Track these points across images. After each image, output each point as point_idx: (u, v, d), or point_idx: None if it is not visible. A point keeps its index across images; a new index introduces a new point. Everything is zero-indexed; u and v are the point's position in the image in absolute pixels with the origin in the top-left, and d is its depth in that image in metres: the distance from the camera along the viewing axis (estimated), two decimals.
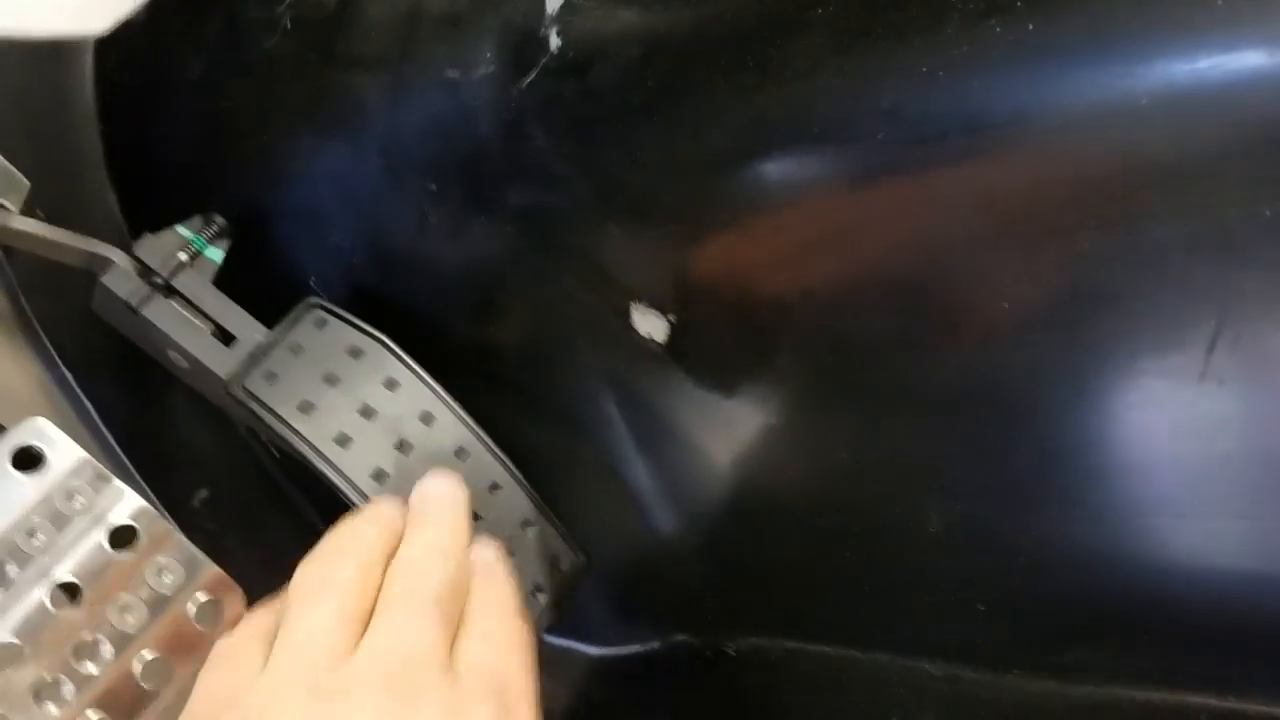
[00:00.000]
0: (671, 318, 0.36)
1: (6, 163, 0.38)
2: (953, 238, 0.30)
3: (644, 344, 0.37)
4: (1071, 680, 0.36)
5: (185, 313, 0.39)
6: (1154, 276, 0.27)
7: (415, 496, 0.34)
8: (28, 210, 0.39)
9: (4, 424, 0.35)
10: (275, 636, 0.29)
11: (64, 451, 0.32)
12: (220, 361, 0.38)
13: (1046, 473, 0.33)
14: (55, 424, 0.33)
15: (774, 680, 0.43)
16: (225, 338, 0.39)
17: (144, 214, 0.43)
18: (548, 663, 0.42)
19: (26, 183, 0.38)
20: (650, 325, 0.37)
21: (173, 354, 0.39)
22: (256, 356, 0.38)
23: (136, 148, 0.45)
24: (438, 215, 0.39)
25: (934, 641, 0.39)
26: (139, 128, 0.45)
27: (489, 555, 0.33)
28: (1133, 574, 0.34)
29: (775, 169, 0.32)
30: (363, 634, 0.29)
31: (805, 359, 0.35)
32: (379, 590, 0.30)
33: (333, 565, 0.30)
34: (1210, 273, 0.27)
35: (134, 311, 0.38)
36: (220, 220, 0.40)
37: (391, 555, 0.31)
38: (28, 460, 0.32)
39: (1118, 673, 0.36)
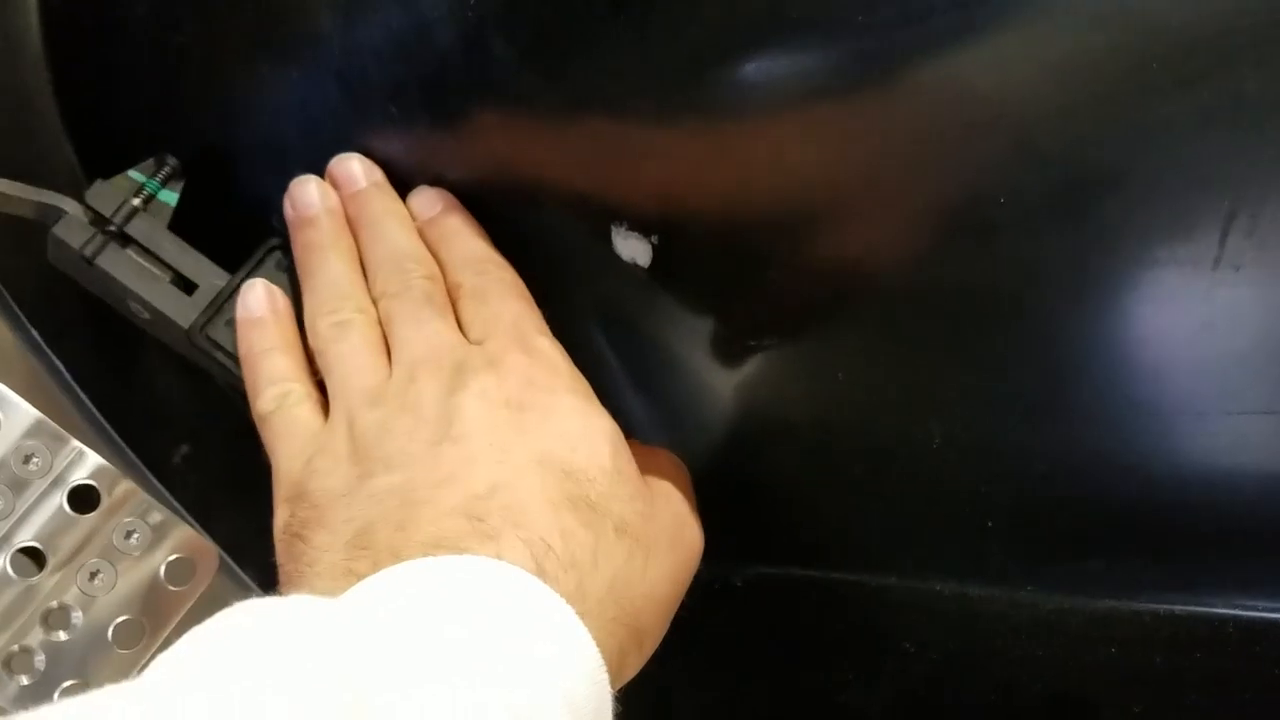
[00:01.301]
0: (654, 240, 0.34)
1: None
2: (944, 130, 0.28)
3: (627, 269, 0.35)
4: (1090, 594, 0.35)
5: (142, 261, 0.37)
6: (1162, 156, 0.25)
7: (342, 188, 0.37)
8: None
9: None
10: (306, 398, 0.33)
11: (17, 412, 0.31)
12: (181, 310, 0.36)
13: (1053, 378, 0.31)
14: (23, 382, 0.32)
15: (783, 609, 0.42)
16: (185, 285, 0.37)
17: (101, 160, 0.41)
18: None
19: None
20: (632, 249, 0.35)
21: (133, 305, 0.37)
22: (218, 303, 0.37)
23: (88, 91, 0.43)
24: (401, 140, 0.37)
25: (944, 562, 0.38)
26: (89, 69, 0.43)
27: (432, 207, 0.36)
28: (1150, 480, 0.32)
29: (755, 67, 0.30)
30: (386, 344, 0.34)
31: (796, 275, 0.33)
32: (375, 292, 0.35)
33: (331, 306, 0.34)
34: (1223, 149, 0.25)
35: (88, 262, 0.36)
36: (173, 161, 0.38)
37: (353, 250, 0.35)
38: None
39: (1138, 584, 0.34)
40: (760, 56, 0.30)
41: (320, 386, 0.34)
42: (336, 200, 0.36)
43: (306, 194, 0.36)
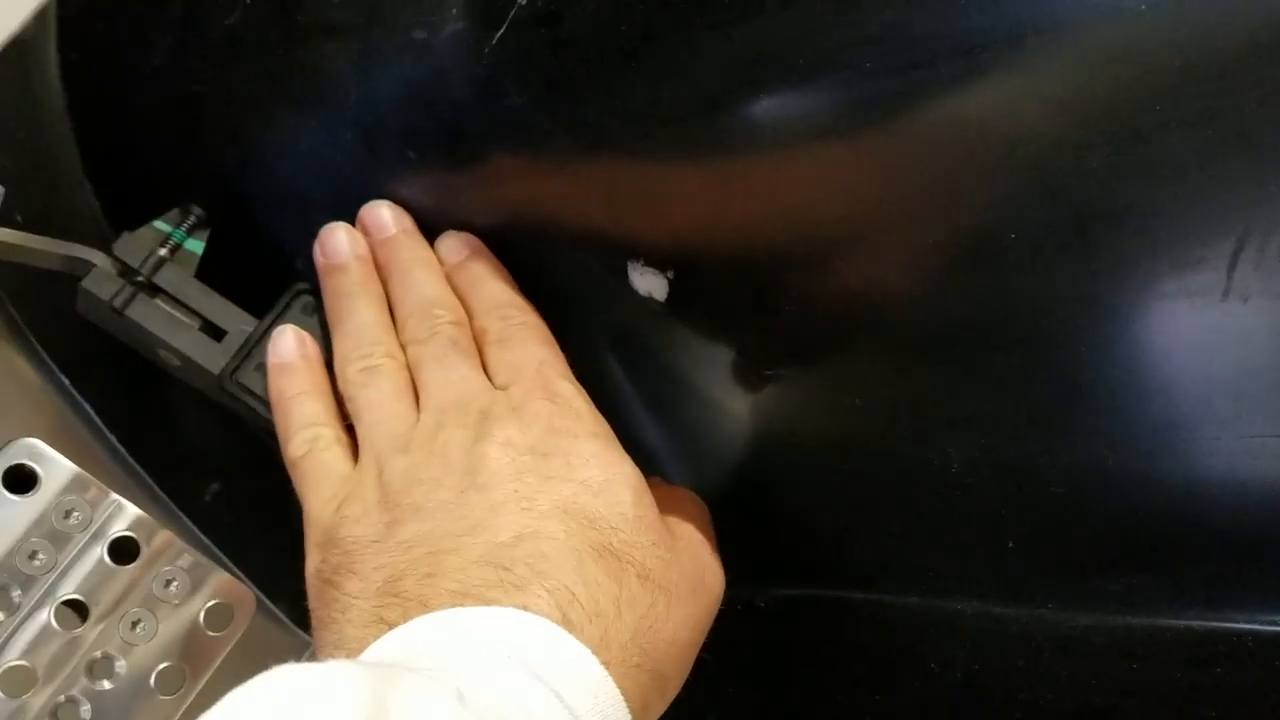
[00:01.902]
0: (670, 274, 0.35)
1: None
2: (953, 167, 0.28)
3: (644, 304, 0.36)
4: (1110, 611, 0.35)
5: (171, 310, 0.38)
6: (1169, 191, 0.26)
7: (372, 235, 0.37)
8: (5, 216, 0.38)
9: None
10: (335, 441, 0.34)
11: (57, 468, 0.32)
12: (211, 356, 0.37)
13: (1068, 402, 0.31)
14: (56, 431, 0.32)
15: (805, 630, 0.43)
16: (214, 331, 0.38)
17: (125, 210, 0.42)
18: None
19: (1, 188, 0.38)
20: (649, 284, 0.36)
21: (163, 353, 0.38)
22: (247, 348, 0.37)
23: (109, 143, 0.44)
24: (419, 185, 0.38)
25: (966, 581, 0.38)
26: (109, 122, 0.44)
27: (459, 252, 0.36)
28: (1170, 498, 0.33)
29: (763, 108, 0.31)
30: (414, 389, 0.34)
31: (811, 307, 0.34)
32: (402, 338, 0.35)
33: (361, 351, 0.35)
34: (1230, 183, 0.25)
35: (118, 313, 0.37)
36: (198, 211, 0.39)
37: (382, 296, 0.36)
38: (21, 481, 0.31)
39: (1158, 601, 0.35)
40: (769, 100, 0.30)
41: (349, 430, 0.35)
42: (365, 247, 0.37)
43: (336, 241, 0.37)
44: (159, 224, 0.39)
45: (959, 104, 0.27)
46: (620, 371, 0.39)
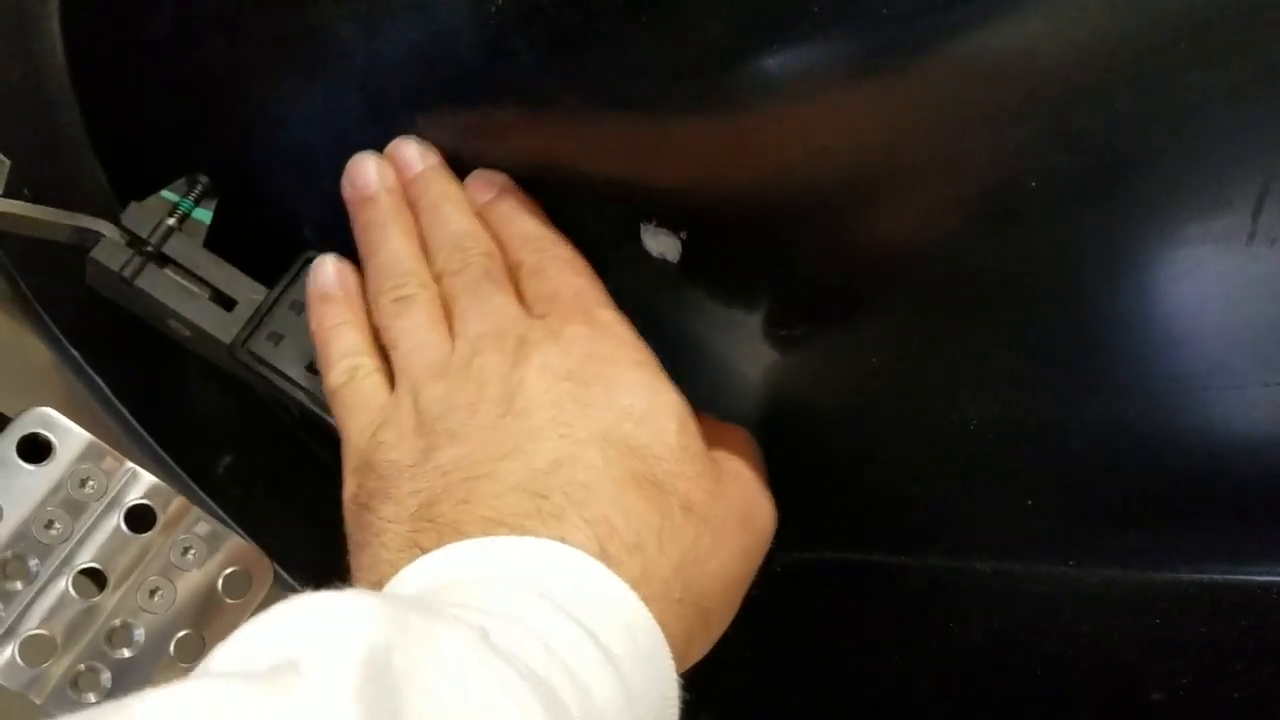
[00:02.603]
0: (683, 235, 0.35)
1: None
2: (972, 115, 0.28)
3: (657, 265, 0.35)
4: (1132, 567, 0.35)
5: (180, 279, 0.37)
6: (1194, 133, 0.25)
7: (401, 173, 0.36)
8: (13, 189, 0.38)
9: (11, 414, 0.35)
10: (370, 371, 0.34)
11: (71, 437, 0.31)
12: (222, 326, 0.37)
13: (1088, 355, 0.31)
14: (67, 404, 0.32)
15: (822, 594, 0.43)
16: (224, 301, 0.38)
17: (132, 181, 0.42)
18: None
19: (6, 161, 0.37)
20: (662, 245, 0.35)
21: (173, 323, 0.38)
22: (258, 317, 0.37)
23: (114, 112, 0.43)
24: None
25: (985, 540, 0.38)
26: (114, 91, 0.43)
27: (489, 190, 0.35)
28: (1189, 451, 0.33)
29: (778, 61, 0.30)
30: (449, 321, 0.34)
31: (826, 263, 0.34)
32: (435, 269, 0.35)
33: (395, 281, 0.34)
34: (1256, 123, 0.25)
35: (128, 283, 0.37)
36: (205, 180, 0.39)
37: (413, 228, 0.36)
38: (36, 450, 0.31)
39: (1180, 555, 0.34)
40: (781, 50, 0.30)
41: (387, 360, 0.35)
42: (394, 178, 0.36)
43: (365, 172, 0.36)
44: (166, 193, 0.38)
45: (976, 49, 0.27)
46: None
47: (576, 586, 0.26)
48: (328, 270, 0.36)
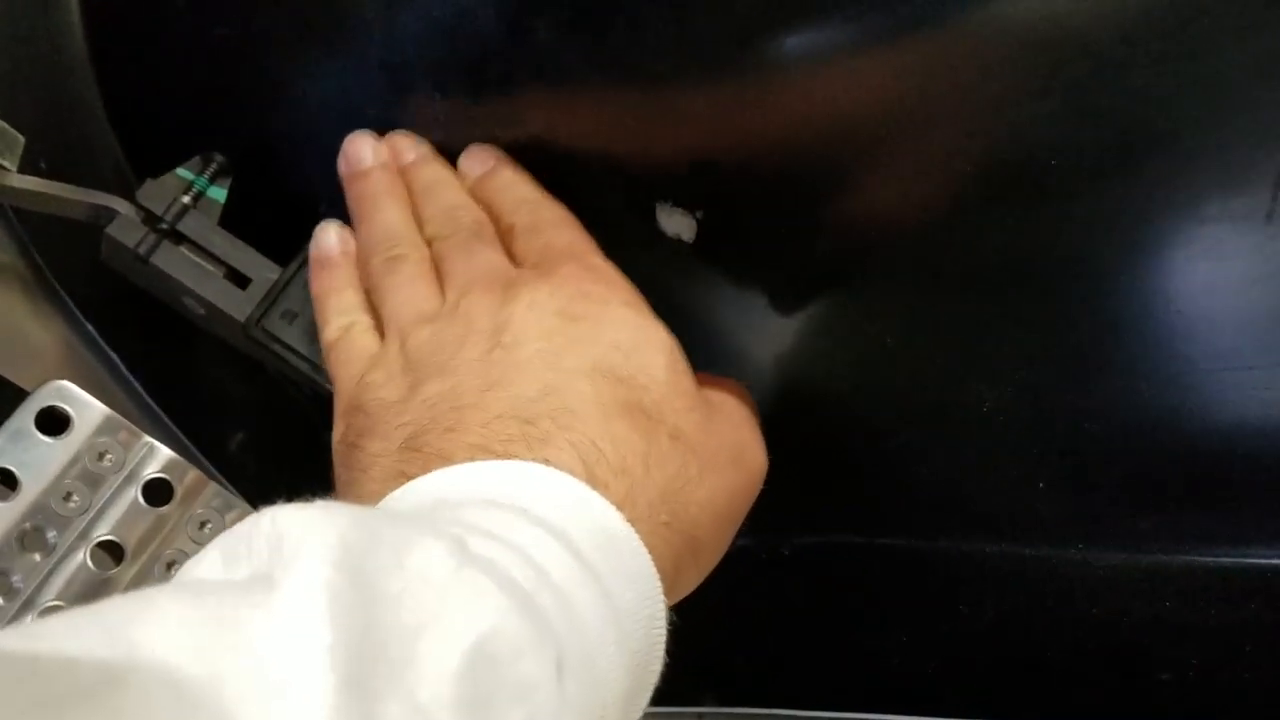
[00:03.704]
0: (699, 214, 0.35)
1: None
2: (992, 88, 0.28)
3: (672, 245, 0.35)
4: (1142, 550, 0.35)
5: (195, 257, 0.38)
6: (1215, 109, 0.25)
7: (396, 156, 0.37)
8: (30, 164, 0.38)
9: (29, 388, 0.35)
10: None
11: (89, 410, 0.32)
12: (236, 304, 0.37)
13: (1104, 336, 0.31)
14: (83, 379, 0.32)
15: (832, 576, 0.43)
16: (239, 279, 0.38)
17: (149, 156, 0.42)
18: None
19: (21, 138, 0.37)
20: (677, 225, 0.35)
21: (188, 301, 0.38)
22: (272, 295, 0.37)
23: (133, 87, 0.43)
24: (446, 124, 0.38)
25: (996, 524, 0.38)
26: (132, 65, 0.43)
27: (484, 163, 0.36)
28: (1201, 434, 0.33)
29: (798, 34, 0.30)
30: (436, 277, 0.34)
31: (843, 240, 0.34)
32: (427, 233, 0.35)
33: (386, 244, 0.35)
34: (1275, 101, 0.25)
35: (143, 260, 0.37)
36: (220, 158, 0.39)
37: (406, 200, 0.36)
38: (54, 423, 0.31)
39: (1191, 539, 0.35)
40: (802, 23, 0.30)
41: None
42: (389, 154, 0.37)
43: (359, 150, 0.37)
44: (182, 171, 0.38)
45: (998, 22, 0.27)
46: None
47: (559, 506, 0.26)
48: (329, 235, 0.37)
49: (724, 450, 0.31)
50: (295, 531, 0.20)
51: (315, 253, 0.37)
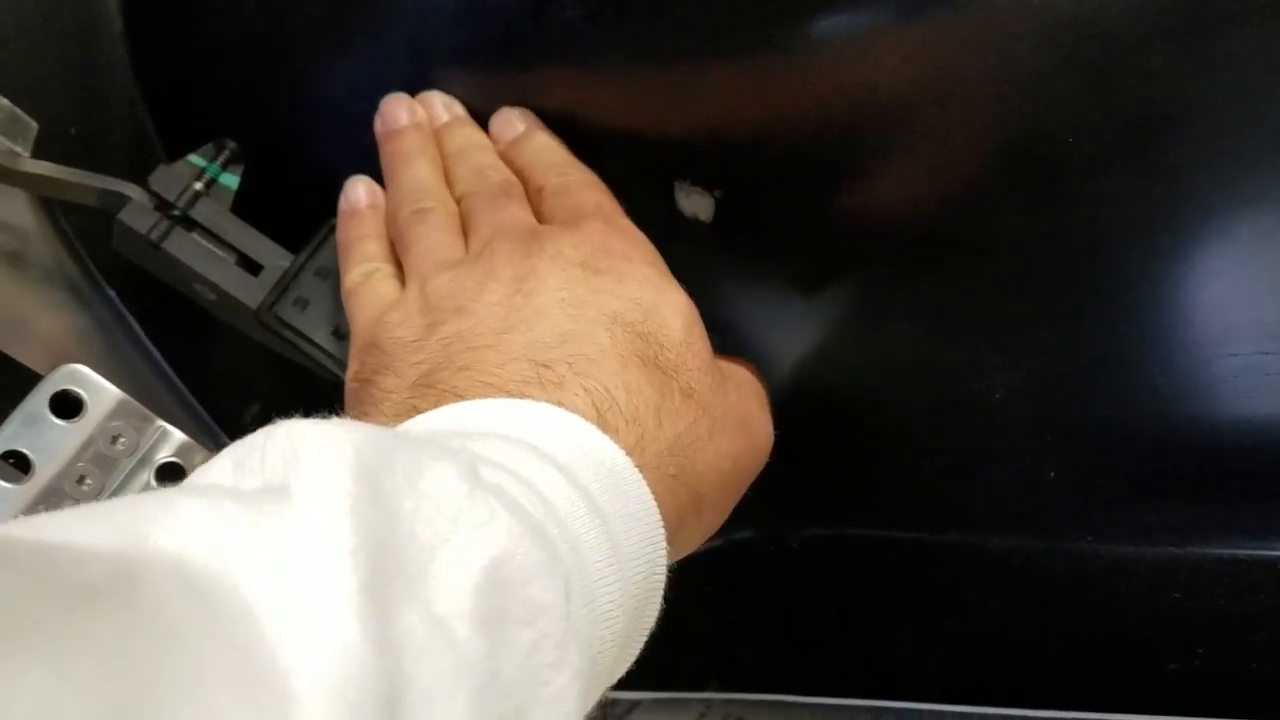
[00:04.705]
0: (717, 194, 0.35)
1: (12, 106, 0.37)
2: (1011, 68, 0.28)
3: (690, 225, 0.35)
4: (1150, 543, 0.35)
5: (207, 244, 0.38)
6: (1231, 90, 0.25)
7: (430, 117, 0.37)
8: (59, 133, 0.38)
9: (43, 372, 0.35)
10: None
11: (102, 394, 0.32)
12: (248, 291, 0.37)
13: (1117, 324, 0.31)
14: (97, 357, 0.32)
15: (837, 570, 0.43)
16: (250, 266, 0.38)
17: (178, 135, 0.42)
18: None
19: (34, 125, 0.37)
20: (695, 205, 0.35)
21: (199, 287, 0.38)
22: (284, 282, 0.37)
23: (165, 65, 0.43)
24: (471, 103, 0.38)
25: (1005, 516, 0.38)
26: (165, 43, 0.42)
27: (515, 128, 0.36)
28: (1210, 424, 0.33)
29: (820, 18, 0.30)
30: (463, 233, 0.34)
31: (855, 226, 0.34)
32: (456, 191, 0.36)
33: (414, 198, 0.35)
34: None
35: (155, 246, 0.37)
36: (233, 145, 0.39)
37: (438, 158, 0.37)
38: (67, 406, 0.31)
39: (1200, 531, 0.35)
40: (821, 5, 0.30)
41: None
42: (424, 116, 0.37)
43: (395, 110, 0.37)
44: (194, 158, 0.38)
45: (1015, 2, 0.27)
46: None
47: (569, 446, 0.26)
48: (359, 188, 0.37)
49: (733, 416, 0.32)
50: (311, 443, 0.20)
51: (344, 205, 0.37)
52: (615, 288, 0.31)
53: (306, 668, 0.17)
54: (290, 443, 0.20)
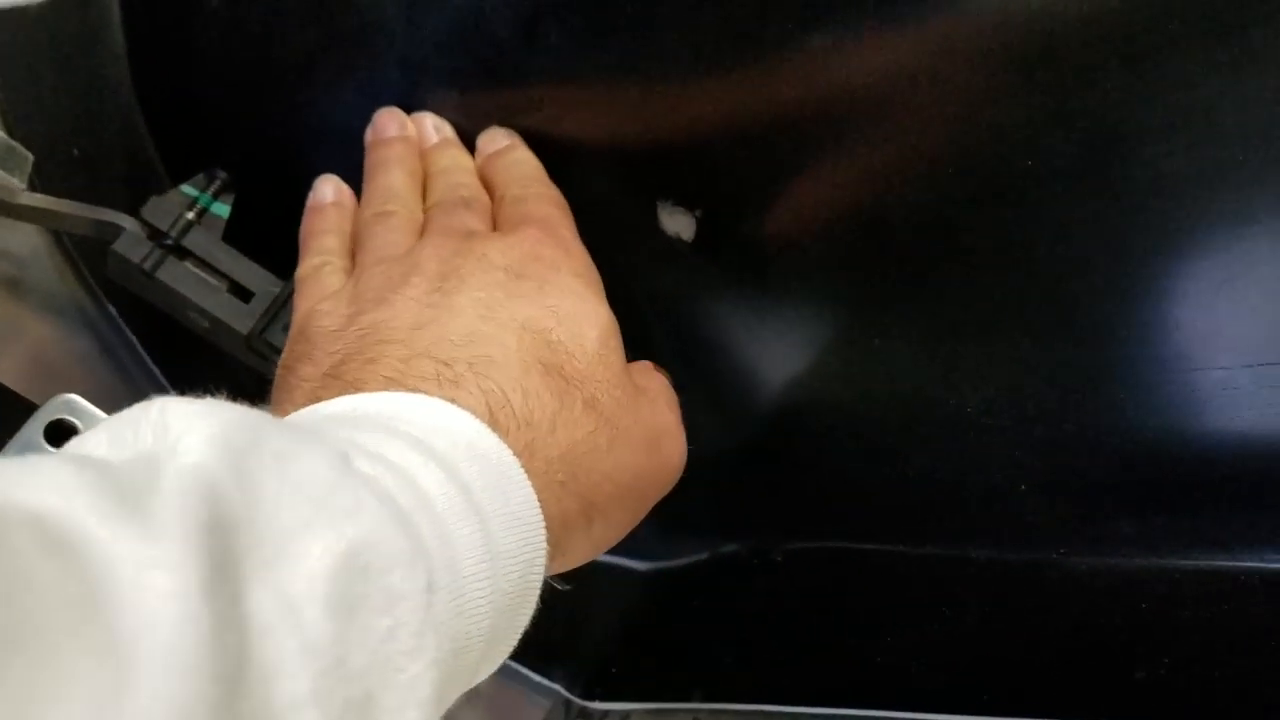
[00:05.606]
0: (698, 213, 0.36)
1: (8, 138, 0.37)
2: (971, 91, 0.29)
3: (672, 244, 0.36)
4: (1121, 554, 0.36)
5: (199, 272, 0.38)
6: (1185, 113, 0.26)
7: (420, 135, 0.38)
8: (50, 168, 0.38)
9: (39, 400, 0.36)
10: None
11: (97, 423, 0.32)
12: (239, 317, 0.38)
13: (1086, 340, 0.32)
14: (107, 374, 0.33)
15: (820, 582, 0.44)
16: (241, 293, 0.39)
17: (181, 156, 0.42)
18: (598, 580, 0.43)
19: (30, 156, 0.38)
20: (678, 224, 0.36)
21: (192, 314, 0.39)
22: (274, 308, 0.38)
23: (167, 87, 0.43)
24: (460, 126, 0.39)
25: (980, 529, 0.39)
26: (166, 65, 0.43)
27: (500, 142, 0.37)
28: (1178, 438, 0.34)
29: (792, 38, 0.31)
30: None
31: (838, 242, 0.35)
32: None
33: (382, 200, 0.36)
34: (1249, 106, 0.26)
35: (148, 275, 0.38)
36: (224, 175, 0.40)
37: (418, 171, 0.37)
38: (62, 436, 0.32)
39: (1169, 543, 0.35)
40: (805, 28, 0.30)
41: None
42: (414, 131, 0.38)
43: (387, 122, 0.38)
44: (185, 188, 0.39)
45: (975, 24, 0.28)
46: (645, 313, 0.40)
47: (454, 442, 0.26)
48: (326, 186, 0.38)
49: (640, 431, 0.32)
50: (180, 421, 0.21)
51: (310, 200, 0.38)
52: (534, 294, 0.32)
53: (149, 635, 0.17)
54: (162, 418, 0.21)
